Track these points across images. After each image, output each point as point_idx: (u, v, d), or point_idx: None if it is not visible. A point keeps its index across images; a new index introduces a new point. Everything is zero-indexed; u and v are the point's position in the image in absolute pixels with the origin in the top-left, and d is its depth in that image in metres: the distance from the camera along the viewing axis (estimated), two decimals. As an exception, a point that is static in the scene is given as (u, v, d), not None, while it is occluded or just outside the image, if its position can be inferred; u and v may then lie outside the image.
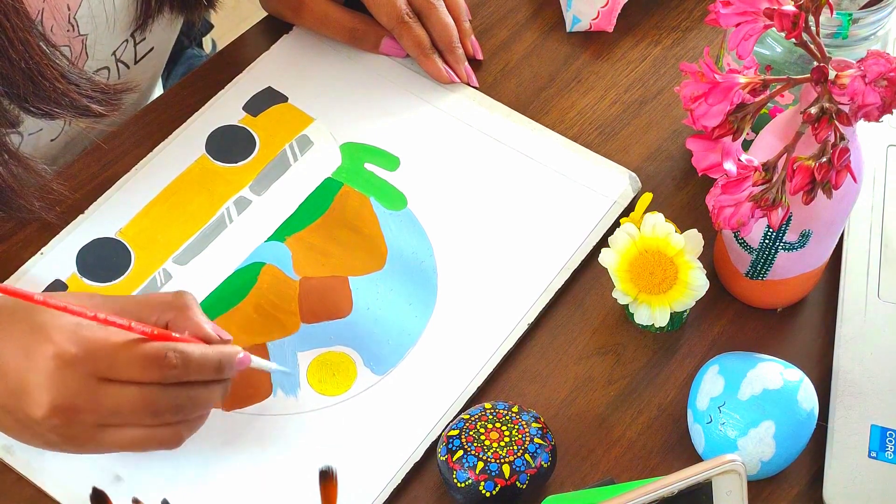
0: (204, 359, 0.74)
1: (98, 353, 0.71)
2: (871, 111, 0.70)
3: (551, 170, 0.94)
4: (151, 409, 0.72)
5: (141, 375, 0.72)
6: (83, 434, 0.73)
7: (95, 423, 0.72)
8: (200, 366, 0.73)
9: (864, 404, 0.81)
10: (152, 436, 0.74)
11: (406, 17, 0.97)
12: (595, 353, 0.86)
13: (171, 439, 0.74)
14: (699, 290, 0.82)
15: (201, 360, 0.73)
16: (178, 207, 0.91)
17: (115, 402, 0.72)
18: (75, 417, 0.72)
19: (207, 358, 0.74)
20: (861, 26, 0.80)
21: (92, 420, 0.72)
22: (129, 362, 0.71)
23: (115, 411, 0.72)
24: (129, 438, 0.73)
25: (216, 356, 0.74)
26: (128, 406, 0.72)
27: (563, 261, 0.89)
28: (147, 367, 0.71)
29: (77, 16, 0.88)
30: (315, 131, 0.96)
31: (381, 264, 0.89)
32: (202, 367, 0.73)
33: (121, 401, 0.72)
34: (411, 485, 0.80)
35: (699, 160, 0.73)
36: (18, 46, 0.77)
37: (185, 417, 0.74)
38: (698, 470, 0.64)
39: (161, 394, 0.72)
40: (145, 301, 0.76)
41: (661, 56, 1.01)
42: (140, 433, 0.73)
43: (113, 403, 0.72)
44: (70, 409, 0.71)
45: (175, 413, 0.73)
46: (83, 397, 0.71)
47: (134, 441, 0.74)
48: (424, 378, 0.84)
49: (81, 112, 0.83)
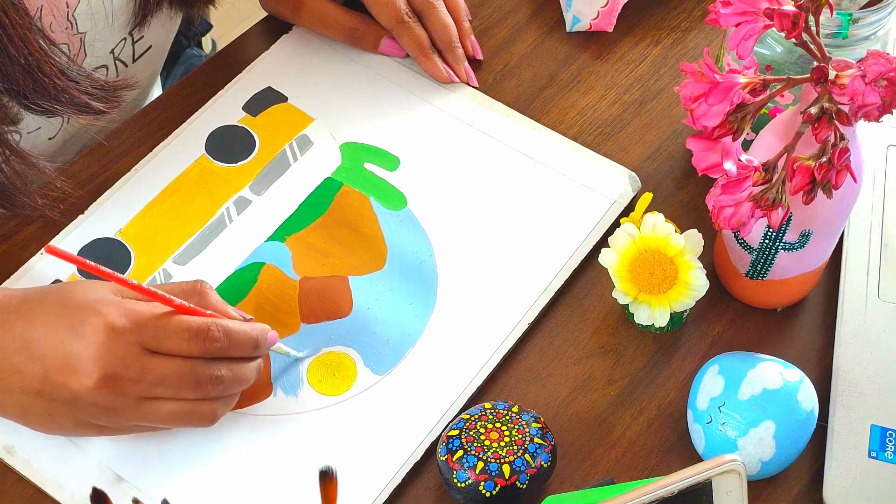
0: (244, 334, 0.77)
1: (146, 324, 0.74)
2: (871, 111, 0.70)
3: (551, 169, 0.94)
4: (195, 380, 0.75)
5: (186, 348, 0.75)
6: (126, 406, 0.75)
7: (140, 395, 0.75)
8: (241, 341, 0.77)
9: (864, 404, 0.81)
10: (191, 409, 0.76)
11: (406, 17, 0.97)
12: (595, 353, 0.86)
13: (208, 415, 0.77)
14: (699, 290, 0.82)
15: (241, 335, 0.77)
16: (177, 207, 0.91)
17: (161, 372, 0.74)
18: (122, 388, 0.74)
19: (247, 334, 0.77)
20: (861, 26, 0.80)
21: (137, 391, 0.74)
22: (176, 334, 0.74)
23: (160, 381, 0.74)
24: (168, 411, 0.76)
25: (254, 332, 0.78)
26: (173, 376, 0.75)
27: (563, 261, 0.89)
28: (192, 339, 0.75)
29: (75, 13, 0.88)
30: (315, 131, 0.96)
31: (381, 264, 0.89)
32: (242, 342, 0.77)
33: (166, 371, 0.74)
34: (411, 485, 0.80)
35: (699, 160, 0.73)
36: (18, 43, 0.77)
37: (224, 392, 0.77)
38: (698, 470, 0.64)
39: (204, 366, 0.76)
40: (166, 288, 0.78)
41: (661, 56, 1.01)
42: (180, 406, 0.76)
43: (159, 374, 0.74)
44: (119, 379, 0.74)
45: (216, 386, 0.76)
46: (132, 367, 0.74)
47: (173, 414, 0.76)
48: (424, 378, 0.84)
49: (81, 109, 0.83)
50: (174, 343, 0.75)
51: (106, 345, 0.73)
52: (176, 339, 0.75)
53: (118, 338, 0.74)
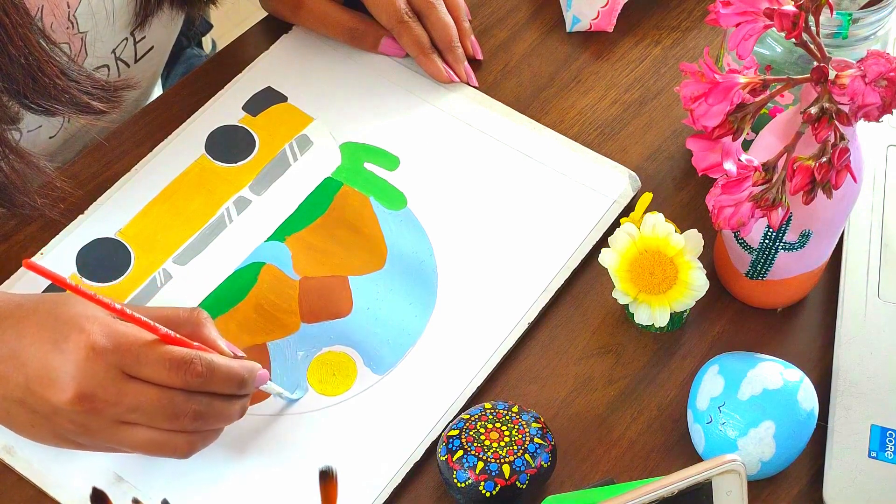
0: (229, 371, 0.75)
1: (128, 348, 0.72)
2: (871, 111, 0.70)
3: (551, 169, 0.94)
4: (171, 411, 0.73)
5: (166, 378, 0.73)
6: (100, 427, 0.73)
7: (114, 418, 0.73)
8: (225, 378, 0.74)
9: (864, 404, 0.81)
10: (166, 440, 0.74)
11: (405, 17, 0.97)
12: (595, 353, 0.86)
13: (184, 448, 0.75)
14: (699, 290, 0.82)
15: (226, 371, 0.74)
16: (177, 207, 0.91)
17: (137, 399, 0.73)
18: (96, 408, 0.72)
19: (232, 370, 0.75)
20: (861, 26, 0.80)
21: (112, 413, 0.73)
22: (157, 362, 0.72)
23: (135, 408, 0.73)
24: (142, 439, 0.74)
25: (241, 371, 0.75)
26: (149, 405, 0.73)
27: (563, 260, 0.89)
28: (173, 370, 0.73)
29: (77, 13, 0.87)
30: (315, 131, 0.96)
31: (381, 264, 0.89)
32: (227, 379, 0.75)
33: (143, 399, 0.73)
34: (411, 485, 0.80)
35: (699, 160, 0.73)
36: (18, 42, 0.77)
37: (201, 427, 0.75)
38: (698, 470, 0.64)
39: (183, 398, 0.73)
40: (161, 314, 0.76)
41: (661, 56, 1.01)
42: (154, 435, 0.74)
43: (134, 400, 0.73)
44: (93, 399, 0.72)
45: (193, 420, 0.74)
46: (107, 389, 0.72)
47: (147, 442, 0.74)
48: (424, 378, 0.84)
49: (82, 109, 0.83)
50: (154, 371, 0.73)
51: (85, 363, 0.72)
52: (156, 368, 0.73)
53: (98, 358, 0.72)
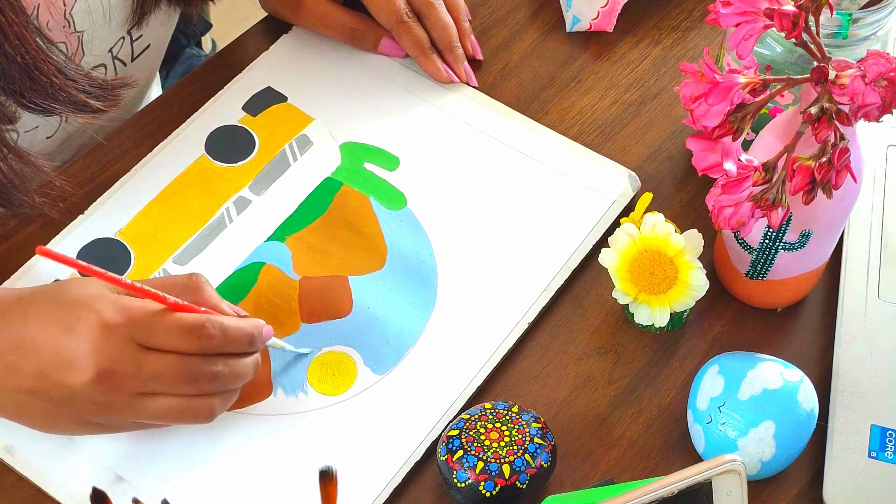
0: (239, 330, 0.77)
1: (140, 320, 0.74)
2: (871, 111, 0.70)
3: (551, 169, 0.94)
4: (191, 376, 0.75)
5: (181, 344, 0.74)
6: (122, 403, 0.74)
7: (135, 391, 0.74)
8: (236, 337, 0.76)
9: (864, 404, 0.81)
10: (188, 406, 0.76)
11: (405, 17, 0.97)
12: (595, 353, 0.86)
13: (206, 411, 0.76)
14: (699, 290, 0.82)
15: (237, 331, 0.76)
16: (177, 207, 0.91)
17: (156, 368, 0.74)
18: (117, 384, 0.73)
19: (242, 329, 0.77)
20: (861, 26, 0.80)
21: (132, 387, 0.74)
22: (170, 331, 0.74)
23: (155, 377, 0.74)
24: (165, 407, 0.75)
25: (249, 328, 0.77)
26: (168, 372, 0.74)
27: (563, 260, 0.89)
28: (187, 336, 0.74)
29: (73, 12, 0.87)
30: (314, 131, 0.96)
31: (381, 264, 0.89)
32: (238, 338, 0.76)
33: (161, 367, 0.74)
34: (411, 485, 0.80)
35: (699, 160, 0.73)
36: (14, 41, 0.77)
37: (220, 388, 0.76)
38: (698, 470, 0.64)
39: (200, 362, 0.75)
40: (160, 283, 0.77)
41: (661, 56, 1.01)
42: (176, 403, 0.75)
43: (154, 370, 0.74)
44: (113, 375, 0.73)
45: (212, 382, 0.75)
46: (126, 363, 0.73)
47: (170, 410, 0.75)
48: (424, 378, 0.84)
49: (79, 108, 0.83)
50: (169, 340, 0.74)
51: (100, 341, 0.73)
52: (171, 336, 0.74)
53: (112, 334, 0.73)
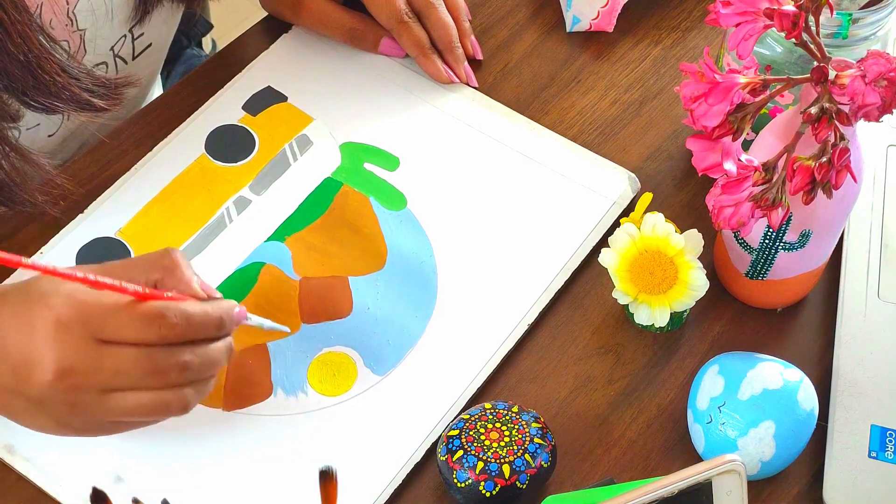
0: (205, 316, 0.72)
1: (94, 314, 0.70)
2: (871, 111, 0.70)
3: (551, 170, 0.94)
4: (155, 368, 0.70)
5: (140, 336, 0.70)
6: (89, 402, 0.71)
7: (100, 388, 0.71)
8: (202, 323, 0.71)
9: (864, 404, 0.81)
10: (158, 400, 0.71)
11: (405, 17, 0.97)
12: (595, 353, 0.86)
13: (178, 403, 0.72)
14: (699, 290, 0.82)
15: (202, 317, 0.71)
16: (177, 207, 0.91)
17: (117, 363, 0.70)
18: (79, 382, 0.70)
19: (208, 315, 0.72)
20: (861, 26, 0.80)
21: (96, 383, 0.70)
22: (127, 323, 0.70)
23: (117, 371, 0.70)
24: (134, 403, 0.71)
25: (217, 312, 0.72)
26: (130, 367, 0.70)
27: (563, 261, 0.89)
28: (146, 327, 0.70)
29: (76, 10, 0.87)
30: (315, 131, 0.96)
31: (381, 264, 0.89)
32: (203, 324, 0.71)
33: (122, 362, 0.70)
34: (411, 485, 0.80)
35: (699, 160, 0.73)
36: (17, 40, 0.77)
37: (191, 378, 0.72)
38: (698, 470, 0.64)
39: (163, 353, 0.70)
40: (131, 263, 0.74)
41: (661, 56, 1.01)
42: (147, 397, 0.71)
43: (114, 364, 0.70)
44: (73, 373, 0.70)
45: (180, 372, 0.71)
46: (84, 360, 0.70)
47: (141, 406, 0.71)
48: (424, 378, 0.84)
49: (82, 106, 0.83)
50: (127, 331, 0.70)
51: (57, 339, 0.69)
52: (128, 328, 0.70)
53: (67, 331, 0.70)
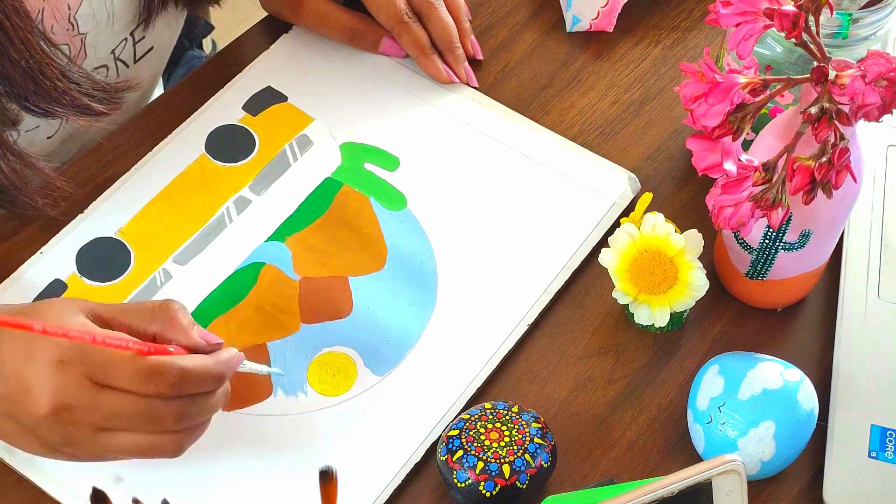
0: (205, 373, 0.73)
1: (95, 358, 0.71)
2: (871, 111, 0.70)
3: (551, 170, 0.94)
4: (151, 416, 0.72)
5: (138, 387, 0.71)
6: (82, 437, 0.72)
7: (94, 426, 0.72)
8: (200, 379, 0.73)
9: (864, 404, 0.81)
10: (152, 443, 0.73)
11: (405, 17, 0.97)
12: (595, 353, 0.86)
13: (172, 447, 0.73)
14: (699, 290, 0.82)
15: (202, 373, 0.73)
16: (177, 207, 0.91)
17: (113, 405, 0.71)
18: (74, 418, 0.71)
19: (208, 371, 0.73)
20: (861, 26, 0.80)
21: (91, 422, 0.72)
22: (126, 373, 0.71)
23: (113, 415, 0.71)
24: (128, 443, 0.73)
25: (217, 368, 0.73)
26: (127, 412, 0.71)
27: (563, 261, 0.89)
28: (144, 380, 0.71)
29: (77, 15, 0.87)
30: (315, 131, 0.96)
31: (381, 264, 0.89)
32: (202, 380, 0.73)
33: (119, 407, 0.71)
34: (411, 485, 0.80)
35: (699, 160, 0.73)
36: (19, 46, 0.77)
37: (187, 425, 0.73)
38: (698, 470, 0.64)
39: (161, 403, 0.72)
40: (132, 310, 0.75)
41: (661, 56, 1.01)
42: (140, 439, 0.73)
43: (110, 407, 0.71)
44: (69, 410, 0.71)
45: (176, 421, 0.72)
46: (81, 399, 0.71)
47: (134, 447, 0.73)
48: (424, 378, 0.84)
49: (82, 111, 0.83)
50: (126, 381, 0.71)
51: (55, 375, 0.70)
52: (128, 378, 0.71)
53: (67, 369, 0.70)
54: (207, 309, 0.86)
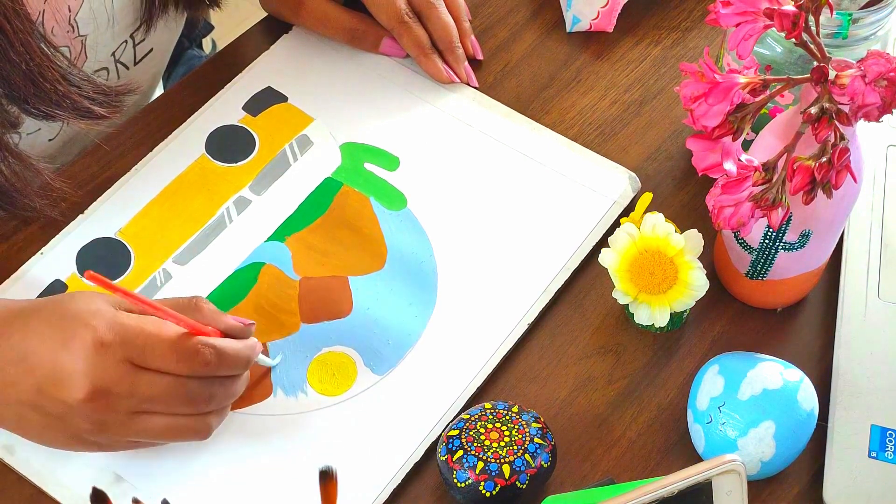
0: (237, 354, 0.77)
1: (135, 340, 0.73)
2: (871, 111, 0.70)
3: (551, 170, 0.94)
4: (187, 398, 0.74)
5: (175, 367, 0.74)
6: (117, 421, 0.74)
7: (129, 410, 0.74)
8: (233, 361, 0.76)
9: (864, 404, 0.81)
10: (185, 425, 0.76)
11: (406, 17, 0.97)
12: (595, 353, 0.86)
13: (203, 429, 0.77)
14: (699, 290, 0.82)
15: (234, 355, 0.76)
16: (177, 207, 0.91)
17: (151, 389, 0.73)
18: (111, 403, 0.73)
19: (240, 353, 0.77)
20: (861, 26, 0.80)
21: (126, 406, 0.73)
22: (164, 353, 0.73)
23: (150, 398, 0.73)
24: (160, 426, 0.75)
25: (246, 351, 0.77)
26: (164, 394, 0.74)
27: (563, 261, 0.89)
28: (182, 360, 0.73)
29: (77, 17, 0.87)
30: (315, 131, 0.96)
31: (381, 264, 0.89)
32: (235, 362, 0.76)
33: (156, 389, 0.73)
34: (411, 485, 0.80)
35: (699, 160, 0.73)
36: (19, 48, 0.77)
37: (217, 407, 0.77)
38: (698, 470, 0.64)
39: (197, 384, 0.75)
40: (165, 304, 0.77)
41: (661, 56, 1.01)
42: (172, 421, 0.75)
43: (148, 390, 0.73)
44: (108, 394, 0.72)
45: (208, 402, 0.76)
46: (120, 383, 0.73)
47: (167, 429, 0.75)
48: (424, 378, 0.84)
49: (82, 114, 0.83)
50: (163, 361, 0.73)
51: (94, 359, 0.72)
52: (165, 359, 0.73)
53: (106, 352, 0.72)
54: (207, 309, 0.86)
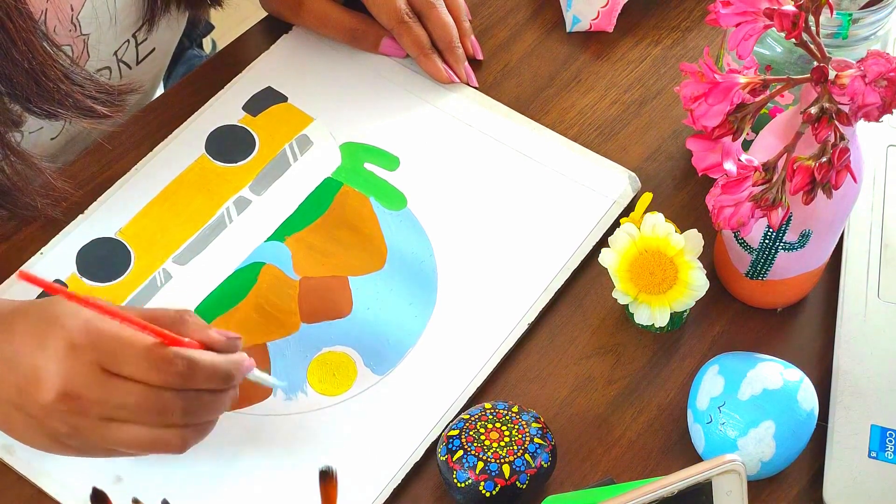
0: (214, 368, 0.73)
1: (106, 344, 0.71)
2: (871, 111, 0.70)
3: (551, 170, 0.94)
4: (158, 407, 0.72)
5: (146, 376, 0.71)
6: (89, 426, 0.72)
7: (102, 416, 0.72)
8: (209, 375, 0.73)
9: (864, 404, 0.81)
10: (158, 436, 0.73)
11: (406, 17, 0.97)
12: (595, 353, 0.86)
13: (177, 442, 0.74)
14: (699, 290, 0.82)
15: (210, 368, 0.73)
16: (177, 207, 0.91)
17: (122, 397, 0.72)
18: (82, 407, 0.72)
19: (217, 367, 0.73)
20: (861, 26, 0.80)
21: (98, 412, 0.72)
22: (136, 360, 0.71)
23: (121, 405, 0.72)
24: (133, 436, 0.73)
25: (226, 366, 0.74)
26: (134, 402, 0.72)
27: (563, 261, 0.89)
28: (153, 368, 0.71)
29: (80, 16, 0.87)
30: (315, 131, 0.96)
31: (381, 264, 0.89)
32: (211, 375, 0.73)
33: (127, 396, 0.72)
34: (411, 485, 0.80)
35: (699, 160, 0.73)
36: (21, 47, 0.77)
37: (192, 421, 0.74)
38: (698, 470, 0.64)
39: (169, 395, 0.72)
40: (149, 315, 0.75)
41: (661, 56, 1.01)
42: (145, 432, 0.73)
43: (119, 398, 0.72)
44: (78, 398, 0.71)
45: (182, 415, 0.73)
46: (90, 386, 0.71)
47: (139, 440, 0.73)
48: (424, 378, 0.84)
49: (85, 113, 0.83)
50: (135, 369, 0.71)
51: (66, 361, 0.71)
52: (137, 366, 0.71)
53: (77, 355, 0.71)
54: (207, 309, 0.86)
